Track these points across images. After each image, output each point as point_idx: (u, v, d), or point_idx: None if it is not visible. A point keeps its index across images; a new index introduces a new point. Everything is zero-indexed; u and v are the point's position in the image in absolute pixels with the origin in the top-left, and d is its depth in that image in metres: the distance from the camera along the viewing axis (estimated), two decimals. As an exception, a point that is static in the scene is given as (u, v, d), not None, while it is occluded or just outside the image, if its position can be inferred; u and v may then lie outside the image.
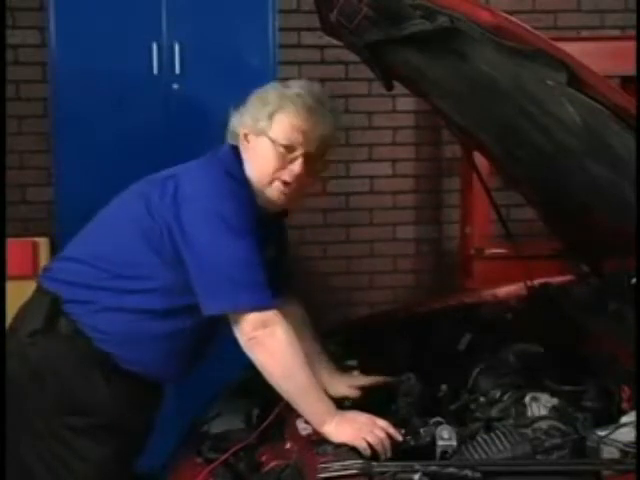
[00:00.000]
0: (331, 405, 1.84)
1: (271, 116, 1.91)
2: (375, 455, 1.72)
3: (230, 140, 2.01)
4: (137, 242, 1.90)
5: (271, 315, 1.80)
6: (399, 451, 1.75)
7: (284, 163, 1.92)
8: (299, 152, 1.91)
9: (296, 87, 1.95)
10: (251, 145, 1.96)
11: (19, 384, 1.91)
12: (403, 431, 1.79)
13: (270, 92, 1.96)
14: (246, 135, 1.96)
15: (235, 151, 1.99)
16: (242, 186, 1.92)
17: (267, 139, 1.91)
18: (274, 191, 1.94)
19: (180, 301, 1.89)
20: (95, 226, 2.04)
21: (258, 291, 1.80)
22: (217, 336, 1.99)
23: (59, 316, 1.91)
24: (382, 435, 1.75)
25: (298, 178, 1.92)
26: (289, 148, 1.91)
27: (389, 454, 1.73)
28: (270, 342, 1.79)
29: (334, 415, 1.80)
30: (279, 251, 2.09)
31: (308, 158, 1.92)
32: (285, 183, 1.93)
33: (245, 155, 1.97)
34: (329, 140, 1.96)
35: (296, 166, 1.92)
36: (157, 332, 1.92)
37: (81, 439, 1.89)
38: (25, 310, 2.00)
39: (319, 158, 1.97)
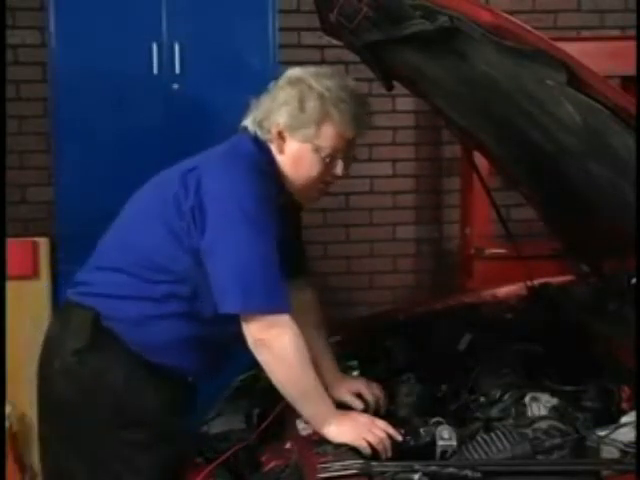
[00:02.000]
0: (331, 406, 1.83)
1: (318, 125, 1.88)
2: (376, 455, 1.72)
3: (252, 129, 1.95)
4: (170, 245, 1.87)
5: (281, 318, 1.79)
6: (399, 451, 1.75)
7: (327, 169, 1.93)
8: (340, 156, 1.93)
9: (331, 83, 1.89)
10: (289, 147, 1.92)
11: (70, 403, 1.89)
12: (403, 431, 1.79)
13: (307, 92, 1.89)
14: (280, 133, 1.92)
15: (256, 143, 1.95)
16: (269, 179, 1.90)
17: (311, 146, 1.90)
18: (315, 192, 1.98)
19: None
20: (123, 230, 1.99)
21: (271, 293, 1.79)
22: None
23: (101, 332, 1.89)
24: (382, 435, 1.75)
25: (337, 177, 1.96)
26: (333, 155, 1.91)
27: (389, 454, 1.73)
28: (277, 345, 1.79)
29: (334, 416, 1.80)
30: (295, 232, 2.10)
31: (347, 158, 1.96)
32: (326, 183, 1.97)
33: (280, 154, 1.94)
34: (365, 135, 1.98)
35: (339, 169, 1.94)
36: (201, 334, 1.90)
37: (135, 451, 1.88)
38: (63, 326, 1.96)
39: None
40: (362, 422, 1.79)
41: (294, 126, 1.90)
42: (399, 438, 1.77)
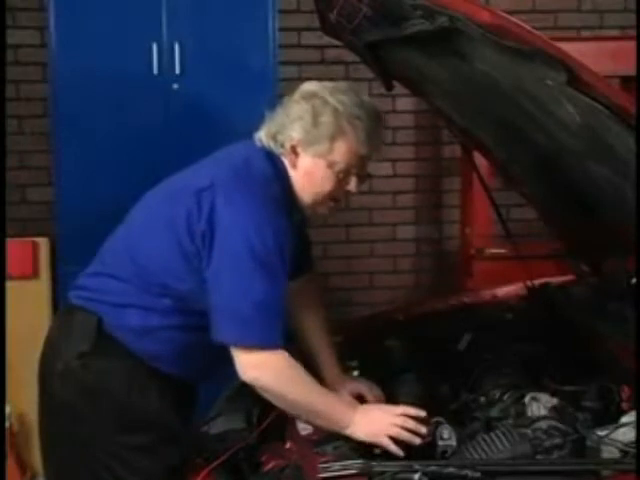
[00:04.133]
0: (343, 412, 1.82)
1: (332, 141, 1.84)
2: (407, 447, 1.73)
3: (265, 142, 1.92)
4: (179, 264, 1.86)
5: (268, 356, 1.78)
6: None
7: (340, 185, 1.90)
8: (354, 172, 1.90)
9: (346, 98, 1.86)
10: (302, 162, 1.89)
11: (73, 406, 1.89)
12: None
13: (321, 107, 1.86)
14: (294, 148, 1.89)
15: (270, 158, 1.92)
16: (283, 199, 1.87)
17: (324, 161, 1.87)
18: (325, 208, 1.95)
19: None
20: (130, 239, 1.96)
21: (266, 331, 1.77)
22: None
23: (104, 338, 1.89)
24: (402, 423, 1.75)
25: (349, 193, 1.94)
26: (346, 171, 1.89)
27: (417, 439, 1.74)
28: (264, 382, 1.80)
29: (350, 421, 1.80)
30: (301, 232, 2.08)
31: (361, 175, 1.93)
32: (337, 200, 1.95)
33: (292, 169, 1.91)
34: (380, 152, 1.96)
35: (352, 186, 1.91)
36: (205, 343, 1.86)
37: (137, 454, 1.88)
38: (66, 329, 1.95)
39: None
40: (379, 418, 1.79)
41: (307, 141, 1.86)
42: (422, 414, 1.77)
